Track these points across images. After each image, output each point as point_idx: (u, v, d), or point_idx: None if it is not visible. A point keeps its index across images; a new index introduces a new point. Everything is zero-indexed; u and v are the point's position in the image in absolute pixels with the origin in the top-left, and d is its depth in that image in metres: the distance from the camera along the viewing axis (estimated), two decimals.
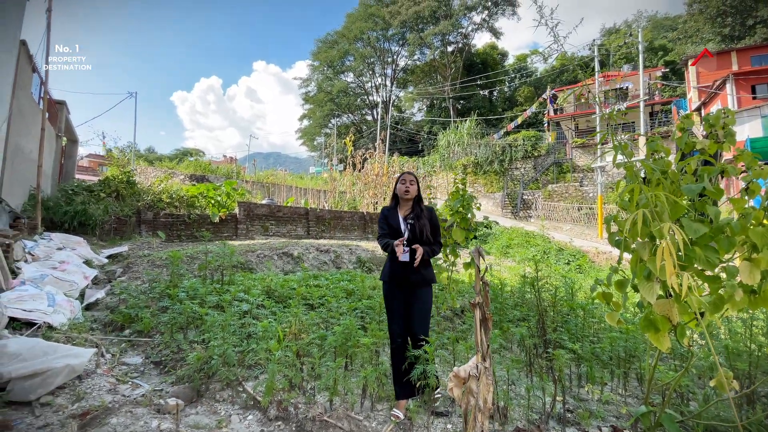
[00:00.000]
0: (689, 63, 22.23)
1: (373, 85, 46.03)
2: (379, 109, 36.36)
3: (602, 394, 2.66)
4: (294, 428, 2.41)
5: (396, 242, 2.50)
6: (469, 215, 5.00)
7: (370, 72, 44.92)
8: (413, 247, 2.51)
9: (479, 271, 1.52)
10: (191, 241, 9.26)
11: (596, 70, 16.58)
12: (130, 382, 2.92)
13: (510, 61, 46.08)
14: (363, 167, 17.87)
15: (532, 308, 3.95)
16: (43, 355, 2.55)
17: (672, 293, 1.59)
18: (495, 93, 43.89)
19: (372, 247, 9.81)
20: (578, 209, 18.95)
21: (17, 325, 3.28)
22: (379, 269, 8.25)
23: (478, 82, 38.33)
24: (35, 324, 3.36)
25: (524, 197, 22.44)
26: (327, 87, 43.95)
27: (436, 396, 2.63)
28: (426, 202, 2.92)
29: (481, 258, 1.55)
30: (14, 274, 4.35)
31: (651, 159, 2.20)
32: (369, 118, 46.54)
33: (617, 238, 2.07)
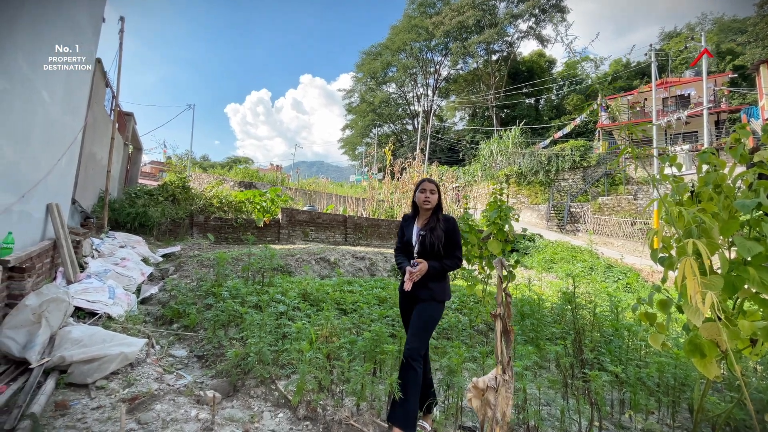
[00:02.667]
0: (758, 67, 20.26)
1: (414, 95, 46.36)
2: (420, 119, 36.46)
3: (646, 422, 2.47)
4: (321, 429, 2.46)
5: (407, 269, 2.36)
6: (507, 227, 4.87)
7: (412, 82, 45.31)
8: (416, 261, 2.36)
9: (501, 281, 1.49)
10: (237, 244, 9.77)
11: (653, 76, 15.57)
12: (175, 373, 3.13)
13: (558, 68, 44.51)
14: (401, 176, 17.96)
15: (570, 325, 3.76)
16: (101, 342, 2.81)
17: (722, 316, 1.47)
18: (542, 101, 42.50)
19: None
20: (632, 224, 17.75)
21: (81, 314, 3.63)
22: None
23: (524, 91, 37.33)
24: (97, 314, 3.70)
25: (572, 210, 21.38)
26: (369, 98, 44.88)
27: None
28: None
29: (503, 269, 1.52)
30: (82, 268, 4.83)
31: (704, 172, 2.05)
32: (410, 127, 46.81)
33: (661, 255, 1.95)
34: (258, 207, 11.14)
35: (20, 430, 1.86)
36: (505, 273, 3.76)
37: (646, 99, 26.40)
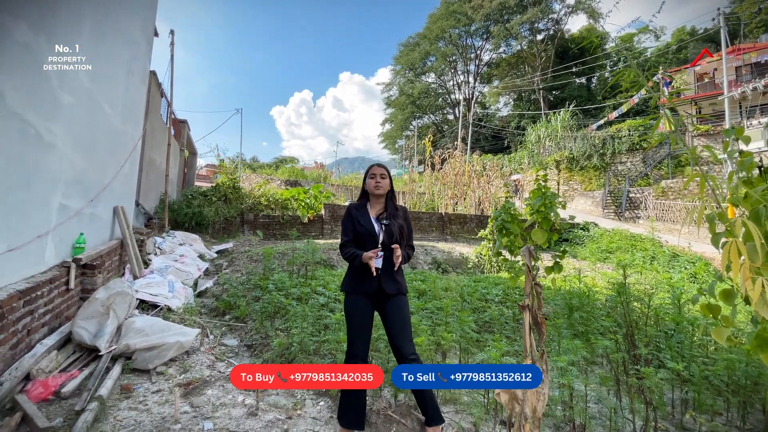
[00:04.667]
0: None
1: (455, 83, 45.17)
2: (461, 107, 35.54)
3: (710, 424, 2.24)
4: None
5: (367, 255, 2.12)
6: (552, 215, 4.61)
7: (452, 70, 44.16)
8: (392, 246, 2.17)
9: (530, 271, 1.41)
10: (284, 239, 10.18)
11: (723, 43, 13.89)
12: (225, 361, 3.34)
13: (612, 43, 41.15)
14: (442, 167, 17.66)
15: (622, 318, 3.50)
16: (160, 332, 3.06)
17: None
18: (594, 80, 39.62)
19: (448, 248, 9.64)
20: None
21: (145, 306, 3.98)
22: (456, 270, 8.08)
23: (574, 70, 35.00)
24: (158, 306, 4.04)
25: (630, 195, 19.80)
26: (408, 90, 44.42)
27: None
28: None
29: (531, 258, 1.43)
30: (146, 264, 5.28)
31: None
32: (450, 117, 45.80)
33: (723, 240, 1.74)
34: (302, 204, 11.51)
35: (89, 411, 2.08)
36: (550, 263, 3.57)
37: (716, 69, 23.69)
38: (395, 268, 2.20)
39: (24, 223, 2.64)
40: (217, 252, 7.65)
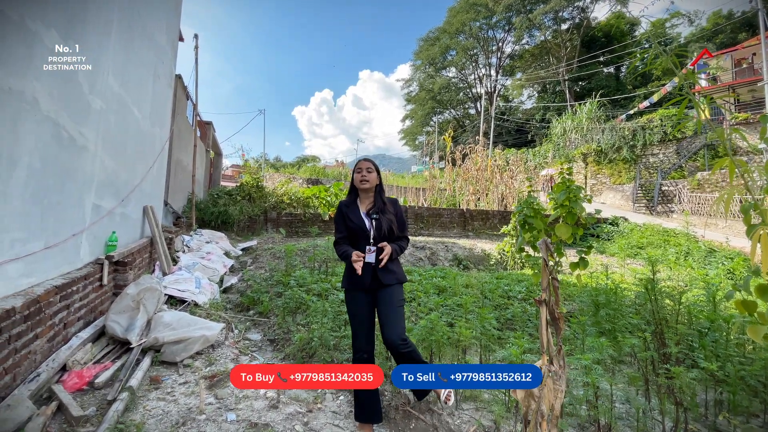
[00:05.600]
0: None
1: (476, 76, 44.43)
2: (483, 101, 34.93)
3: (746, 425, 2.11)
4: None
5: (354, 257, 2.16)
6: (577, 209, 4.47)
7: (473, 64, 43.44)
8: (380, 245, 2.22)
9: (546, 265, 1.36)
10: (306, 237, 10.33)
11: (762, 26, 13.02)
12: (249, 355, 3.42)
13: (643, 29, 39.33)
14: (463, 163, 17.40)
15: (650, 316, 3.35)
16: (186, 326, 3.17)
17: None
18: (623, 69, 38.05)
19: (470, 244, 9.51)
20: (740, 201, 15.21)
21: (173, 301, 4.14)
22: (477, 267, 7.97)
23: (601, 59, 33.72)
24: (185, 301, 4.19)
25: (663, 188, 18.93)
26: (428, 85, 44.04)
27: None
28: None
29: (548, 251, 1.39)
30: (175, 261, 5.47)
31: None
32: (472, 111, 45.09)
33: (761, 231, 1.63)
34: (323, 202, 11.63)
35: (120, 401, 2.19)
36: (576, 260, 3.46)
37: (755, 54, 22.24)
38: (381, 265, 2.20)
39: (60, 222, 2.79)
40: (242, 249, 7.85)
